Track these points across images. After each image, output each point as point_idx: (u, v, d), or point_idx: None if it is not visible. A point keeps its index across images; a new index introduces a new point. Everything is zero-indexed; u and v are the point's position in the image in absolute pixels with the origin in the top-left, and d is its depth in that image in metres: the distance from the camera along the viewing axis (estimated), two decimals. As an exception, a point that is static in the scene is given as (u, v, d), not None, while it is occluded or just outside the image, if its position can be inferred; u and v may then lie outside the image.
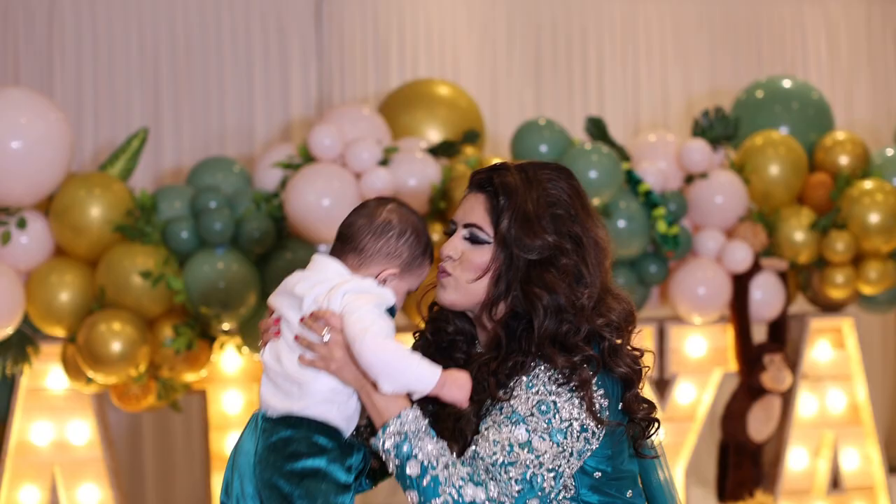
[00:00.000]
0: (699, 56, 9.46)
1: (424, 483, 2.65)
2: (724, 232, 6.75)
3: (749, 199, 6.82)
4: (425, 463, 2.66)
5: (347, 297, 2.78)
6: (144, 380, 5.91)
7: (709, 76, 9.45)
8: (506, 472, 2.67)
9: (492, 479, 2.67)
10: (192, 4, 8.38)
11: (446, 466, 2.67)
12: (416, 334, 3.07)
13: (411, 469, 2.66)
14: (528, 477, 2.67)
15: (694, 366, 6.75)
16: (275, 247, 6.11)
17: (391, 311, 2.85)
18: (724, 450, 6.89)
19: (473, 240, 2.86)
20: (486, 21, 9.03)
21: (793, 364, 6.84)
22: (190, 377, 6.06)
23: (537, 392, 2.73)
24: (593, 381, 2.76)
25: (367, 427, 2.91)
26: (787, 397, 6.83)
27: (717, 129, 6.79)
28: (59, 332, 5.94)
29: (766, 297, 6.76)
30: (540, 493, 2.70)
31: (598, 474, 2.80)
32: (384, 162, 6.24)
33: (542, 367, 2.75)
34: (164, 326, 5.93)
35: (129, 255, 5.87)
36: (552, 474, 2.70)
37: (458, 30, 8.98)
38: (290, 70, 8.61)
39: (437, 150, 6.40)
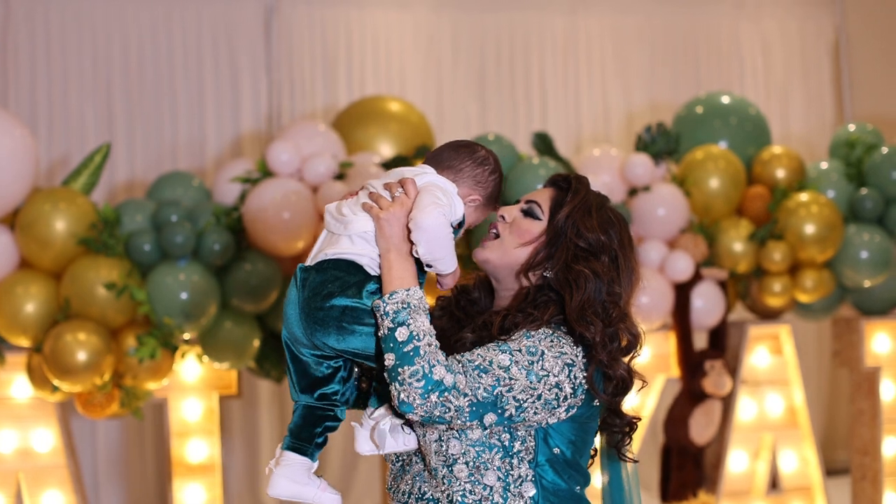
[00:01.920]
0: (639, 71, 9.60)
1: (406, 349, 2.84)
2: (666, 243, 6.85)
3: (690, 211, 6.94)
4: (414, 333, 2.85)
5: (432, 185, 3.06)
6: (108, 388, 6.03)
7: (648, 91, 9.59)
8: (478, 376, 2.85)
9: (464, 374, 2.86)
10: (145, 21, 8.47)
11: (429, 345, 2.85)
12: (440, 298, 3.30)
13: (400, 334, 2.85)
14: (495, 392, 2.85)
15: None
16: (235, 258, 6.25)
17: (456, 231, 3.09)
18: (667, 453, 6.98)
19: (528, 213, 3.13)
20: (431, 37, 9.14)
21: (733, 370, 6.97)
22: (152, 385, 6.18)
23: (532, 341, 2.93)
24: (592, 368, 2.98)
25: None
26: (728, 402, 6.95)
27: (659, 143, 6.90)
28: (25, 342, 6.03)
29: (707, 305, 6.86)
30: (499, 413, 2.87)
31: (556, 450, 2.98)
32: (340, 176, 6.39)
33: (546, 331, 2.97)
34: (128, 336, 6.05)
35: (94, 267, 5.99)
36: (516, 404, 2.87)
37: (404, 46, 9.11)
38: (241, 85, 8.71)
39: (391, 165, 6.49)
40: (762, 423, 7.10)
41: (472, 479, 2.94)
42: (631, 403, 2.95)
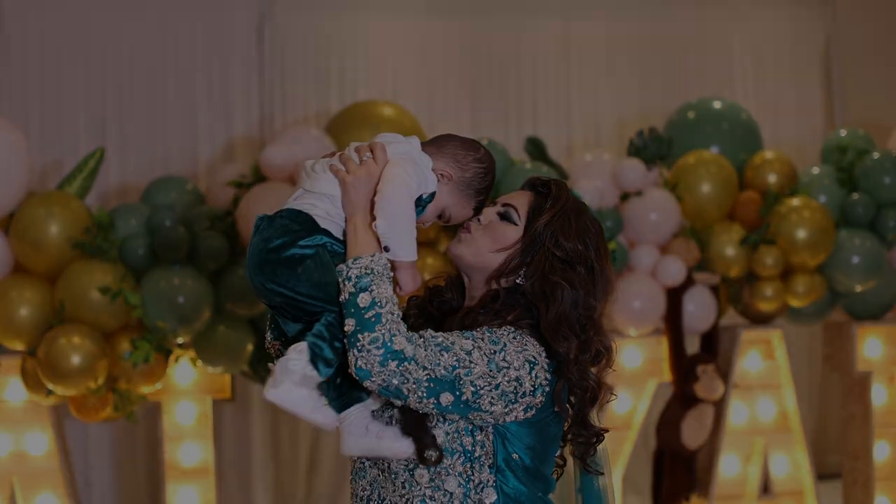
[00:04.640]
0: (630, 76, 9.60)
1: (367, 316, 2.77)
2: (658, 247, 6.87)
3: (682, 215, 6.94)
4: (377, 299, 2.78)
5: (404, 155, 2.97)
6: (102, 392, 6.04)
7: (639, 96, 9.59)
8: (439, 353, 2.80)
9: (424, 348, 2.79)
10: (138, 26, 8.47)
11: (391, 312, 2.79)
12: (412, 299, 3.21)
13: (362, 300, 2.78)
14: (454, 373, 2.79)
15: (630, 376, 6.86)
16: (229, 263, 6.26)
17: (425, 202, 3.01)
18: (660, 457, 7.01)
19: (504, 216, 3.04)
20: (423, 43, 9.13)
21: (724, 374, 6.96)
22: (146, 389, 6.19)
23: (494, 335, 2.88)
24: (561, 384, 2.93)
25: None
26: (720, 406, 6.96)
27: (652, 148, 6.89)
28: (19, 345, 6.05)
29: (699, 310, 6.90)
30: (456, 395, 2.80)
31: (515, 456, 2.91)
32: (333, 181, 6.39)
33: (508, 329, 2.91)
34: (122, 340, 6.07)
35: (88, 271, 6.01)
36: (473, 389, 2.80)
37: (396, 51, 9.11)
38: (233, 91, 8.69)
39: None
40: (754, 427, 7.11)
41: (433, 484, 2.89)
42: (624, 408, 2.95)
